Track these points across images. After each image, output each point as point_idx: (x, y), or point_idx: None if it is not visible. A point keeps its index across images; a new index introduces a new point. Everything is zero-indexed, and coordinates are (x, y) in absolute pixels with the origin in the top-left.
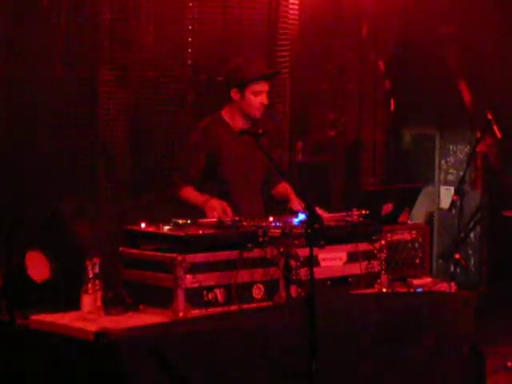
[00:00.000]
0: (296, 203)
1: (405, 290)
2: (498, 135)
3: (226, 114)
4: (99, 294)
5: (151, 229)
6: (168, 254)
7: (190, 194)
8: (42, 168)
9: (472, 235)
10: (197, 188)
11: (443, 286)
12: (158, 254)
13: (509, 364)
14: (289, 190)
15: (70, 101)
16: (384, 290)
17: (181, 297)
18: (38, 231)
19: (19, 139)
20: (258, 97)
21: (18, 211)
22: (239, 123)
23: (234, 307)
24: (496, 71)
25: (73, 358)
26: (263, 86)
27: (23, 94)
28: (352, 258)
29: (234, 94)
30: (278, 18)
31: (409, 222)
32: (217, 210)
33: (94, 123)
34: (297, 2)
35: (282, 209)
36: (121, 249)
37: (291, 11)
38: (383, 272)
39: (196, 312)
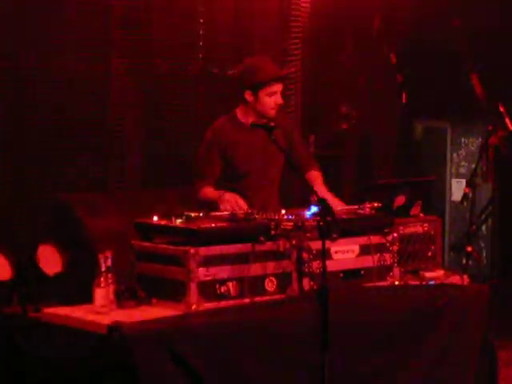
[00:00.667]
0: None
1: (417, 282)
2: (510, 127)
3: (240, 114)
4: (112, 287)
5: (163, 222)
6: (181, 247)
7: (207, 192)
8: (53, 161)
9: (484, 228)
10: (217, 187)
11: (455, 279)
12: (171, 247)
13: None
14: (317, 184)
15: (81, 94)
16: (396, 282)
17: (193, 290)
18: (50, 225)
19: (28, 131)
20: (272, 97)
21: (28, 205)
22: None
23: (246, 300)
24: (507, 63)
25: (85, 351)
26: (277, 87)
27: (32, 87)
28: (364, 250)
29: (248, 96)
30: (289, 11)
31: (421, 214)
32: (230, 203)
33: (105, 117)
34: None
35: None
36: (133, 242)
37: (303, 4)
38: (395, 265)
39: (209, 305)
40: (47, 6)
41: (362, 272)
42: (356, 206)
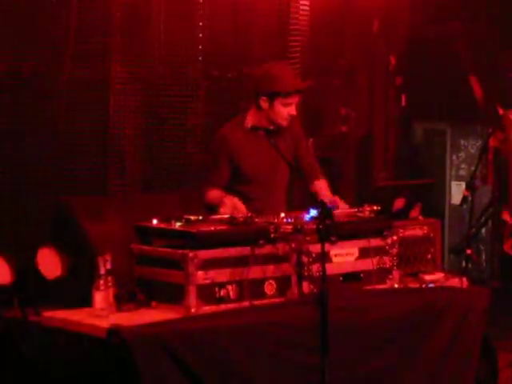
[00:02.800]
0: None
1: (416, 285)
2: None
3: (250, 119)
4: (111, 290)
5: (163, 225)
6: (180, 251)
7: (211, 195)
8: (53, 164)
9: (483, 230)
10: (227, 191)
11: (455, 282)
12: (170, 250)
13: None
14: (321, 189)
15: (80, 97)
16: (396, 285)
17: (192, 293)
18: (50, 228)
19: (28, 134)
20: (287, 108)
21: (28, 208)
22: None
23: (245, 303)
24: (505, 65)
25: (85, 355)
26: (294, 99)
27: (31, 89)
28: (364, 253)
29: (263, 103)
30: (288, 14)
31: (420, 217)
32: (228, 207)
33: (105, 119)
34: None
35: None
36: (132, 245)
37: (302, 6)
38: (395, 267)
39: (208, 308)
40: (47, 11)
41: (362, 275)
42: (355, 209)
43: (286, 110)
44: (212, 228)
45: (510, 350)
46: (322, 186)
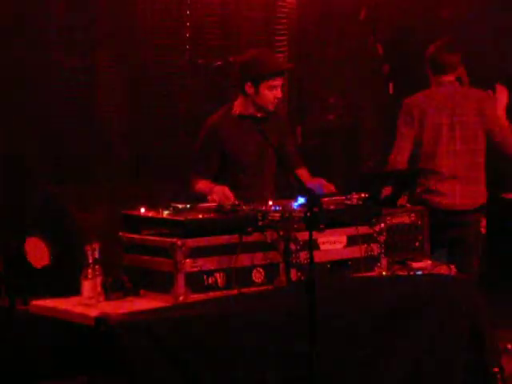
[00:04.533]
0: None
1: (404, 272)
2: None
3: (238, 106)
4: (99, 279)
5: (151, 214)
6: (168, 239)
7: (201, 186)
8: (40, 153)
9: None
10: (215, 180)
11: (443, 269)
12: (158, 238)
13: (509, 346)
14: (303, 177)
15: (66, 84)
16: (384, 273)
17: (181, 281)
18: (37, 217)
19: (16, 124)
20: (272, 91)
21: (16, 197)
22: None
23: (234, 291)
24: (494, 54)
25: (73, 343)
26: (278, 81)
27: (20, 79)
28: (352, 241)
29: (248, 88)
30: (275, 2)
31: (407, 205)
32: (217, 195)
33: (91, 107)
34: None
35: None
36: (120, 233)
37: None
38: (383, 255)
39: (196, 296)
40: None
41: (350, 262)
42: (343, 197)
43: (271, 94)
44: (200, 216)
45: (499, 339)
46: (303, 175)
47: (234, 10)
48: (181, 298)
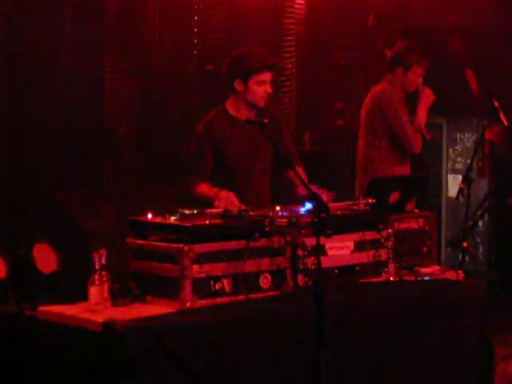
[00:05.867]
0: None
1: (412, 278)
2: (505, 123)
3: (230, 106)
4: (106, 285)
5: (158, 219)
6: (175, 245)
7: (203, 190)
8: (48, 159)
9: (480, 223)
10: (210, 180)
11: (451, 275)
12: (165, 244)
13: None
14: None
15: (76, 93)
16: (391, 278)
17: (188, 287)
18: (45, 223)
19: (23, 130)
20: (261, 86)
21: (24, 203)
22: (244, 113)
23: (241, 297)
24: (502, 58)
25: (80, 349)
26: (267, 76)
27: (27, 87)
28: (359, 246)
29: (238, 85)
30: (283, 8)
31: (415, 210)
32: (224, 201)
33: (100, 114)
34: None
35: (290, 196)
36: (128, 239)
37: (297, 1)
38: (390, 260)
39: (203, 302)
40: (43, 6)
41: (357, 268)
42: (350, 202)
43: (261, 89)
44: (207, 222)
45: (507, 343)
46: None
47: (243, 16)
48: (188, 304)
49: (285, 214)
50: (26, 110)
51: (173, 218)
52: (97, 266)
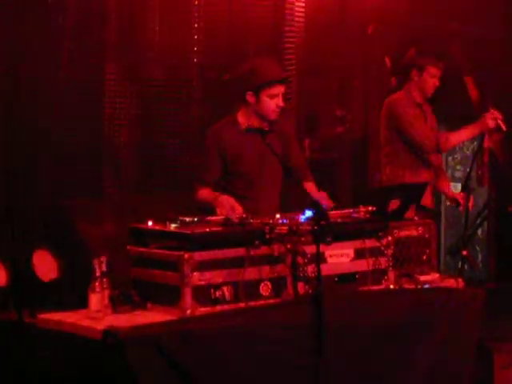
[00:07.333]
0: None
1: (412, 286)
2: (504, 130)
3: (241, 117)
4: (107, 292)
5: (158, 227)
6: (175, 252)
7: (204, 194)
8: (48, 166)
9: (479, 231)
10: (218, 189)
11: (450, 282)
12: (165, 252)
13: None
14: (310, 191)
15: (75, 99)
16: (391, 286)
17: (188, 295)
18: (45, 230)
19: (23, 137)
20: (273, 99)
21: (24, 210)
22: (255, 125)
23: (241, 304)
24: (502, 66)
25: (80, 357)
26: (278, 89)
27: (27, 93)
28: (359, 254)
29: (250, 97)
30: (284, 16)
31: (415, 218)
32: (225, 207)
33: (99, 121)
34: None
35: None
36: (128, 247)
37: (297, 8)
38: (390, 268)
39: (203, 310)
40: (43, 13)
41: (357, 276)
42: (351, 210)
43: (272, 102)
44: (207, 229)
45: (506, 352)
46: (310, 188)
47: (243, 23)
48: (188, 312)
49: (285, 221)
50: (25, 117)
51: (173, 226)
52: (97, 273)
